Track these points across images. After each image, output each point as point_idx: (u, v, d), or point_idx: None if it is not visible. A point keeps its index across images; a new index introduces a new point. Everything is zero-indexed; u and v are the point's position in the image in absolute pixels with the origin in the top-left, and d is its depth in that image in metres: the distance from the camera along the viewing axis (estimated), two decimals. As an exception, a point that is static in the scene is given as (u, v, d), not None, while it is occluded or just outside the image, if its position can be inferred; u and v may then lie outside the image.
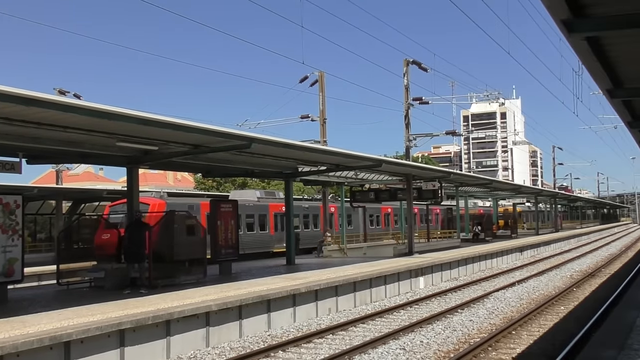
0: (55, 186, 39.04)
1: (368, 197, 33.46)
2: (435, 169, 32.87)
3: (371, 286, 20.21)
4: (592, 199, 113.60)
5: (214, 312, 13.72)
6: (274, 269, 23.93)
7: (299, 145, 19.29)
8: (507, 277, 27.70)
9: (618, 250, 46.80)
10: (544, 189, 79.30)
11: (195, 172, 32.50)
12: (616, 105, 15.47)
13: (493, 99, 45.82)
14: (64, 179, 46.06)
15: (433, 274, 25.13)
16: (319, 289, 17.37)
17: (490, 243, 41.05)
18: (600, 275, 27.90)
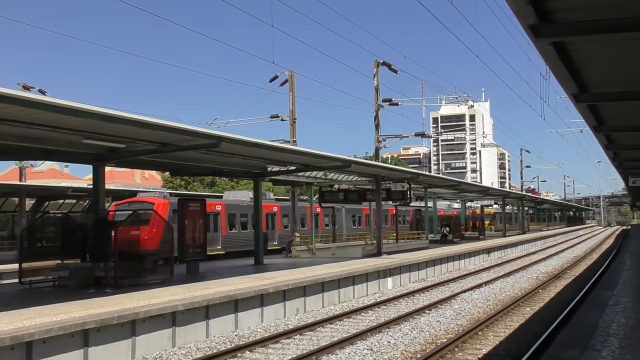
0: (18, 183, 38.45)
1: (337, 197, 33.56)
2: (405, 170, 33.08)
3: (339, 287, 20.27)
4: (558, 201, 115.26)
5: (180, 312, 13.66)
6: (242, 268, 23.88)
7: (268, 145, 19.29)
8: (474, 278, 27.98)
9: (583, 252, 47.53)
10: (511, 191, 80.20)
11: (163, 170, 32.31)
12: (582, 109, 15.74)
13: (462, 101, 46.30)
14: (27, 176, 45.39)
15: (401, 274, 25.28)
16: (287, 289, 17.38)
17: (459, 244, 41.42)
18: (565, 277, 28.32)
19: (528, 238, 55.60)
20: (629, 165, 31.92)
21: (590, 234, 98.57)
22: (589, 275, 28.35)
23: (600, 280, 24.55)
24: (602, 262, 35.98)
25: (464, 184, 45.68)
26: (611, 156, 28.33)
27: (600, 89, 14.05)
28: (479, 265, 35.18)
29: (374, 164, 28.81)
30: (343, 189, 33.68)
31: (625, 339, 10.38)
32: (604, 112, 17.11)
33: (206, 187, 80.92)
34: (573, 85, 12.99)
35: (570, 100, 14.47)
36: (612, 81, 13.52)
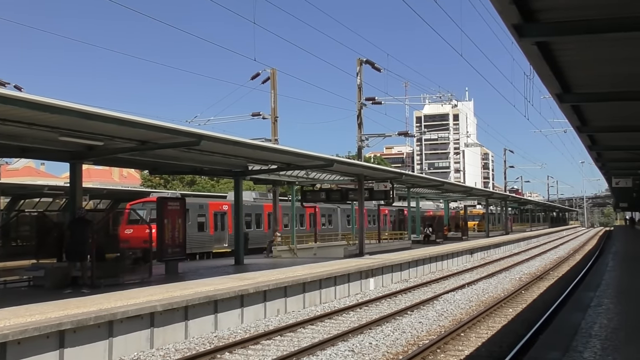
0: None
1: (319, 197, 33.59)
2: (387, 170, 33.18)
3: (321, 287, 20.29)
4: (542, 202, 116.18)
5: (159, 312, 13.61)
6: (222, 269, 23.83)
7: (249, 144, 19.26)
8: (457, 279, 28.13)
9: (566, 253, 47.93)
10: (495, 191, 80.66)
11: (142, 168, 32.12)
12: (565, 109, 15.88)
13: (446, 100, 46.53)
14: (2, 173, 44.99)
15: (383, 275, 25.36)
16: (267, 290, 17.37)
17: (441, 245, 41.60)
18: (548, 278, 28.55)
19: (511, 239, 55.97)
20: (612, 165, 32.23)
21: (573, 235, 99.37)
22: (572, 276, 28.59)
23: (583, 282, 24.74)
24: (585, 263, 36.31)
25: (447, 184, 45.90)
26: (595, 157, 28.61)
27: (584, 89, 14.19)
28: (462, 266, 35.36)
29: (356, 163, 28.87)
30: (325, 188, 33.72)
31: (607, 340, 10.50)
32: (587, 112, 17.27)
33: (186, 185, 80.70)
34: (557, 85, 13.11)
35: (554, 101, 14.60)
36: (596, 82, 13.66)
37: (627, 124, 18.75)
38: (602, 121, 19.06)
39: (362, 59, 38.69)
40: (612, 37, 9.77)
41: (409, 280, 27.21)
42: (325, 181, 33.31)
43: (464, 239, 51.24)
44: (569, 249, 54.10)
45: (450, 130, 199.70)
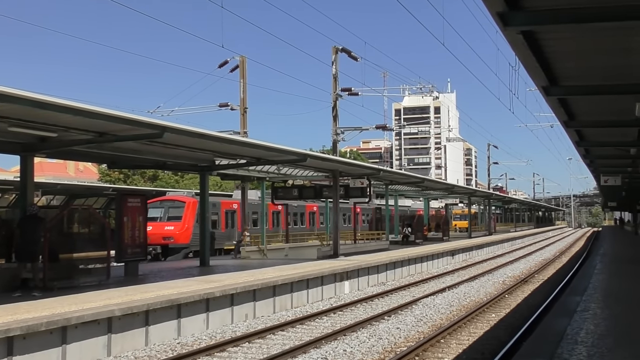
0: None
1: (291, 194, 33.57)
2: (364, 166, 33.24)
3: (292, 291, 20.30)
4: (527, 200, 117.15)
5: (117, 317, 13.51)
6: (186, 270, 23.72)
7: (217, 136, 19.18)
8: (437, 282, 28.30)
9: (552, 255, 48.45)
10: (478, 189, 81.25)
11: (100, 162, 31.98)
12: (552, 103, 16.03)
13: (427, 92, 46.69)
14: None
15: (359, 278, 25.44)
16: (235, 293, 17.33)
17: (421, 246, 41.82)
18: (533, 282, 28.85)
19: (495, 240, 56.44)
20: (601, 163, 32.61)
21: (559, 235, 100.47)
22: (558, 279, 28.92)
23: (569, 285, 25.03)
24: (572, 265, 36.73)
25: (428, 180, 46.12)
26: (582, 153, 28.93)
27: (572, 81, 14.32)
28: (443, 268, 35.59)
29: (331, 158, 28.89)
30: (297, 184, 33.70)
31: (593, 347, 10.61)
32: (575, 106, 17.45)
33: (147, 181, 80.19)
34: (543, 77, 13.23)
35: (541, 93, 14.72)
36: (584, 74, 13.80)
37: (617, 119, 18.97)
38: (591, 115, 19.27)
39: (337, 47, 38.71)
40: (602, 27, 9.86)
41: (387, 284, 27.32)
42: (298, 177, 33.30)
43: (445, 239, 51.54)
44: (555, 251, 54.69)
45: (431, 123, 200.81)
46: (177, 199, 37.44)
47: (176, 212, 35.27)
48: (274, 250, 33.57)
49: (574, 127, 20.57)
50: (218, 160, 24.74)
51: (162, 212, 33.73)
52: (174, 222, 35.07)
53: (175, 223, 34.67)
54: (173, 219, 34.94)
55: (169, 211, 35.69)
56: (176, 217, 34.48)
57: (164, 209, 36.08)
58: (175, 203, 36.32)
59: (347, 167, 30.31)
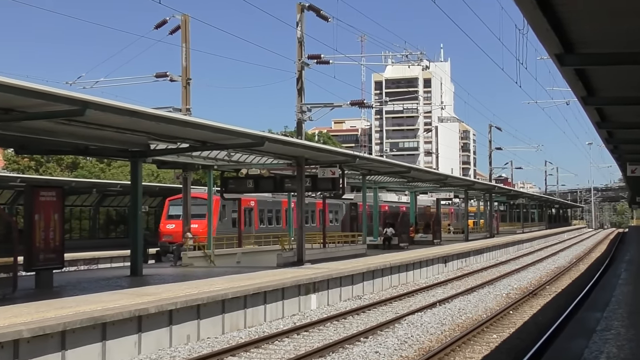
0: None
1: (245, 185, 33.52)
2: (336, 151, 33.30)
3: (246, 306, 20.31)
4: (537, 195, 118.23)
5: (25, 339, 13.42)
6: (114, 281, 23.61)
7: (152, 114, 19.09)
8: (426, 295, 28.48)
9: (567, 262, 48.91)
10: (477, 180, 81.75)
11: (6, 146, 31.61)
12: (567, 74, 16.17)
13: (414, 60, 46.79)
14: None
15: (329, 290, 25.50)
16: (174, 310, 17.30)
17: (406, 251, 42.01)
18: (543, 295, 29.14)
19: (497, 243, 56.87)
20: (628, 149, 32.91)
21: (577, 238, 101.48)
22: (574, 292, 29.24)
23: (587, 299, 25.36)
24: (591, 275, 37.14)
25: (415, 170, 46.28)
26: (605, 137, 29.21)
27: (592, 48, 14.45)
28: (433, 278, 35.80)
29: (295, 141, 28.89)
30: (253, 174, 33.67)
31: (615, 375, 10.78)
32: (595, 79, 17.61)
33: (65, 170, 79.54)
34: (557, 43, 13.32)
35: (554, 63, 14.84)
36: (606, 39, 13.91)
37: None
38: (615, 91, 19.45)
39: (303, 3, 38.62)
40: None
41: (364, 297, 27.43)
42: (253, 165, 33.25)
43: (435, 243, 51.81)
44: (571, 257, 55.23)
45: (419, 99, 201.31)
46: (200, 196, 42.68)
47: (199, 209, 40.30)
48: (224, 256, 33.53)
49: (594, 105, 20.75)
50: (154, 144, 24.62)
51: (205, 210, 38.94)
52: (197, 220, 40.64)
53: (199, 221, 40.30)
54: (196, 216, 40.11)
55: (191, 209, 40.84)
56: (200, 215, 39.66)
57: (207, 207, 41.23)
58: (197, 200, 41.05)
59: (314, 153, 30.32)
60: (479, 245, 50.75)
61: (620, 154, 36.25)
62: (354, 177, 42.46)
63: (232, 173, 35.04)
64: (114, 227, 58.41)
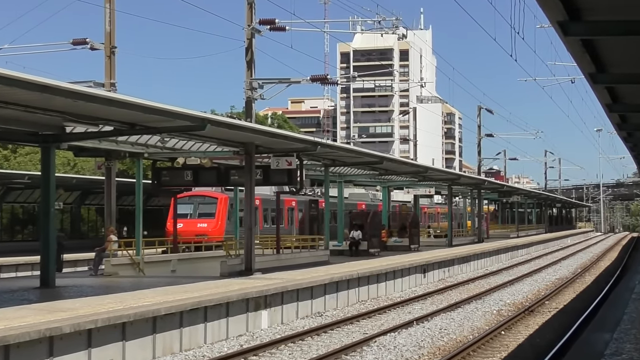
0: None
1: (182, 177, 33.37)
2: (294, 137, 33.28)
3: (182, 325, 20.25)
4: (535, 191, 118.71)
5: None
6: (19, 294, 23.45)
7: (68, 90, 18.96)
8: (400, 312, 28.55)
9: (571, 272, 49.27)
10: (463, 173, 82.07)
11: None
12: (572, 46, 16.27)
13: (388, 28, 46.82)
14: None
15: (284, 305, 25.49)
16: (94, 328, 17.20)
17: (377, 258, 42.08)
18: (542, 312, 29.32)
19: (487, 249, 57.09)
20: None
21: (583, 243, 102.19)
22: (579, 308, 29.46)
23: (594, 317, 25.59)
24: (599, 288, 37.43)
25: (389, 160, 46.34)
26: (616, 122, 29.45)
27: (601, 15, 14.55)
28: (410, 291, 35.91)
29: (243, 125, 28.83)
30: (192, 164, 33.52)
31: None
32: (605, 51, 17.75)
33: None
34: (560, 8, 13.41)
35: (556, 33, 14.93)
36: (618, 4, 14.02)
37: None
38: (629, 66, 19.61)
39: (254, -43, 38.55)
40: None
41: (325, 314, 27.45)
42: (192, 154, 33.11)
43: (413, 248, 51.99)
44: (575, 266, 55.63)
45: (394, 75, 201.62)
46: (208, 195, 49.54)
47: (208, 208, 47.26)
48: (156, 263, 33.44)
49: (604, 83, 20.91)
50: (70, 127, 24.44)
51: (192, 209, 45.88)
52: (206, 219, 48.59)
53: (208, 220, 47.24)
54: (205, 215, 48.41)
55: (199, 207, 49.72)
56: (209, 214, 46.92)
57: (194, 205, 48.83)
58: (206, 199, 48.90)
59: (267, 139, 30.27)
60: (465, 252, 50.94)
61: (636, 143, 36.54)
62: (314, 168, 42.44)
63: (167, 163, 34.86)
64: (21, 227, 57.99)
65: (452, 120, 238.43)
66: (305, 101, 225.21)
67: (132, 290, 23.93)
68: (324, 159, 39.83)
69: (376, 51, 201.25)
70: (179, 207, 44.30)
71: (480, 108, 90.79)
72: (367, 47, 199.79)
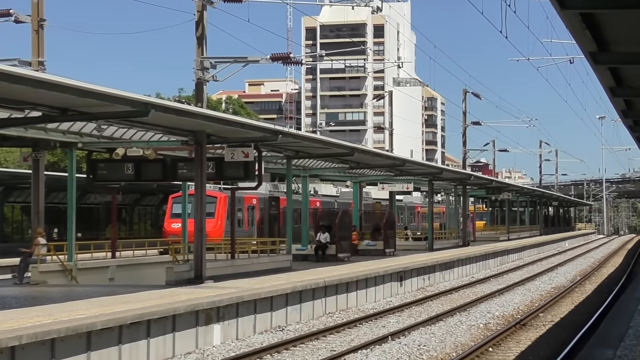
0: None
1: (122, 171, 33.22)
2: (251, 125, 33.21)
3: (121, 341, 20.20)
4: (529, 188, 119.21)
5: None
6: None
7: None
8: (373, 326, 28.59)
9: (569, 280, 49.51)
10: (446, 167, 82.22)
11: None
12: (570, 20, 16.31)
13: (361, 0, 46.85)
14: None
15: (239, 318, 25.48)
16: (17, 345, 17.11)
17: (347, 264, 42.10)
18: (535, 325, 29.45)
19: (473, 253, 57.28)
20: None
21: (583, 247, 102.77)
22: (578, 321, 29.59)
23: (595, 331, 25.71)
24: (601, 298, 37.63)
25: (361, 152, 46.37)
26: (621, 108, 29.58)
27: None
28: (384, 302, 35.97)
29: (193, 110, 28.78)
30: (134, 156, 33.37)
31: None
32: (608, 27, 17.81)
33: None
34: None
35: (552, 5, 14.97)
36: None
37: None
38: (635, 44, 19.70)
39: None
40: None
41: (287, 329, 27.45)
42: (134, 143, 32.99)
43: (388, 253, 52.04)
44: (573, 273, 55.94)
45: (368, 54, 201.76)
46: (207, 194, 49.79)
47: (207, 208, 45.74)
48: (91, 270, 33.32)
49: (606, 64, 20.98)
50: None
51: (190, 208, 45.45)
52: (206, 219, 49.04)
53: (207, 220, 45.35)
54: None
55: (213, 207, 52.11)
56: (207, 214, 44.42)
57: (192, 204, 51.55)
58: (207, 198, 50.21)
59: (220, 127, 30.22)
60: (447, 257, 51.05)
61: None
62: (276, 160, 42.41)
63: (104, 154, 34.72)
64: None
65: (433, 106, 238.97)
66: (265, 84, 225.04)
67: (63, 301, 23.87)
68: (286, 150, 39.78)
69: (347, 26, 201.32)
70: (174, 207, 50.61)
71: (465, 92, 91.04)
72: (336, 21, 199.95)
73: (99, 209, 61.83)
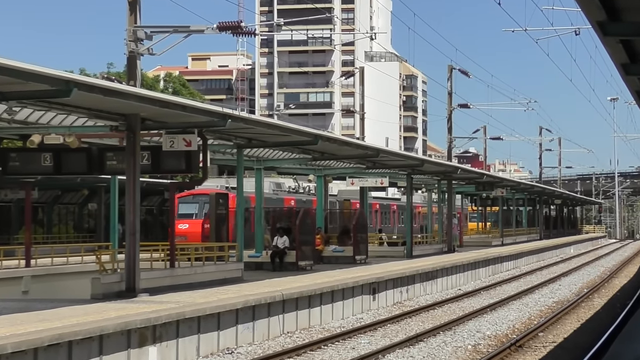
0: None
1: (39, 162, 33.17)
2: (195, 107, 33.19)
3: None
4: (526, 182, 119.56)
5: None
6: None
7: None
8: (341, 348, 28.70)
9: (574, 293, 49.80)
10: (428, 158, 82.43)
11: None
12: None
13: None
14: None
15: (180, 339, 25.52)
16: None
17: (310, 273, 42.17)
18: (534, 347, 29.63)
19: (460, 261, 57.48)
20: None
21: (591, 254, 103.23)
22: (584, 342, 29.80)
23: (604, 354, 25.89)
24: (612, 316, 37.84)
25: (326, 140, 46.41)
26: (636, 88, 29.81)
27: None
28: (354, 319, 36.08)
29: (124, 89, 28.74)
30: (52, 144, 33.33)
31: None
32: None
33: None
34: None
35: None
36: None
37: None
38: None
39: None
40: None
41: (237, 351, 27.54)
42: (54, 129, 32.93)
43: (358, 260, 52.14)
44: (579, 285, 56.27)
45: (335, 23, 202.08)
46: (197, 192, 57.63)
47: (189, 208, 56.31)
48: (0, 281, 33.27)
49: (618, 35, 21.14)
50: None
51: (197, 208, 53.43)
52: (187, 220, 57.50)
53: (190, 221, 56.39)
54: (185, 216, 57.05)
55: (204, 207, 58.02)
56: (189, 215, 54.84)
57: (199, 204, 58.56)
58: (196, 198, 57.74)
59: (157, 110, 30.18)
60: (429, 265, 51.20)
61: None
62: (224, 150, 42.43)
63: (17, 142, 34.72)
64: None
65: (413, 86, 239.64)
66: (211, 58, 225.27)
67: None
68: (236, 138, 39.79)
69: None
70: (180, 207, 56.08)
71: (451, 69, 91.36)
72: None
73: (9, 208, 61.52)
